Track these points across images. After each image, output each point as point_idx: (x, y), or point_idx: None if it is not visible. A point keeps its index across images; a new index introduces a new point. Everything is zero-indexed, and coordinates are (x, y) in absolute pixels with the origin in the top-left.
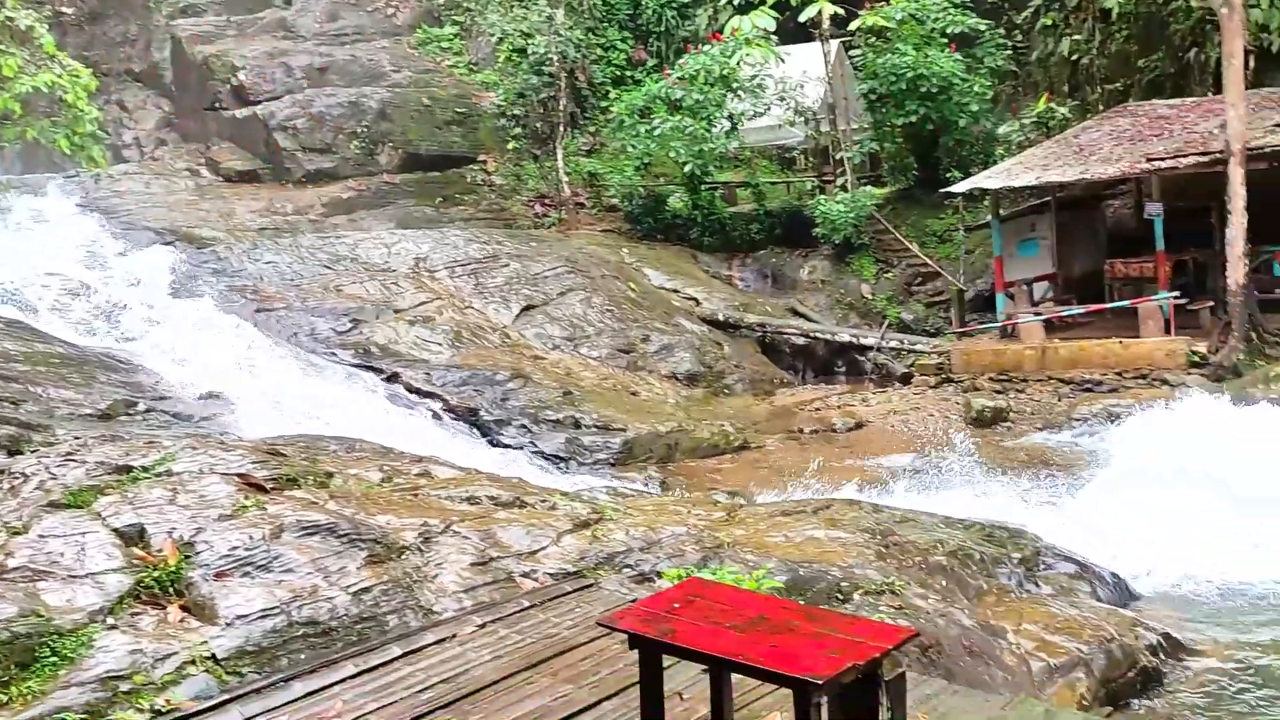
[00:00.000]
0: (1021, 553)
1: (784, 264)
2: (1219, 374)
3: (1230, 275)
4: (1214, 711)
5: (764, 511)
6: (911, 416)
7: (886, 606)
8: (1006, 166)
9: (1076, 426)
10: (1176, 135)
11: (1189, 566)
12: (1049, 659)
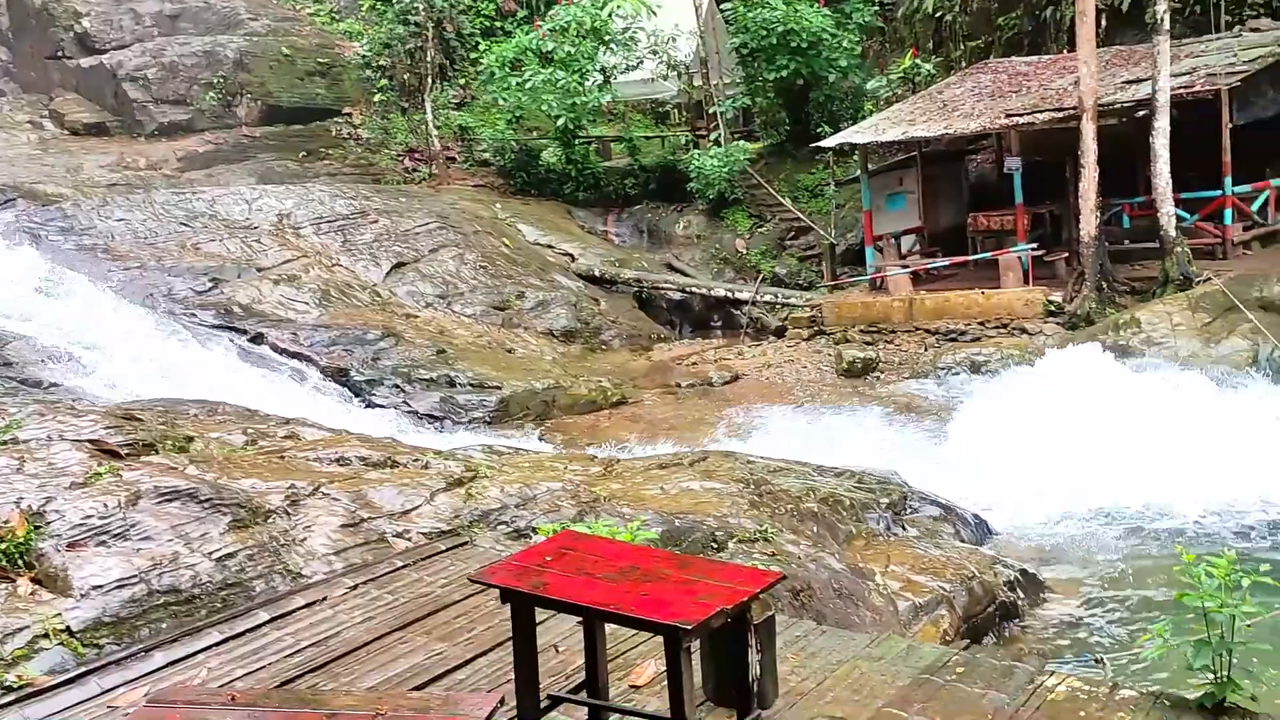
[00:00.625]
0: (890, 498)
1: (659, 219)
2: (1073, 322)
3: (1083, 227)
4: (1064, 639)
5: (640, 465)
6: (786, 369)
7: (760, 553)
8: (874, 122)
9: (942, 375)
10: (1034, 91)
11: (1046, 505)
12: (914, 598)
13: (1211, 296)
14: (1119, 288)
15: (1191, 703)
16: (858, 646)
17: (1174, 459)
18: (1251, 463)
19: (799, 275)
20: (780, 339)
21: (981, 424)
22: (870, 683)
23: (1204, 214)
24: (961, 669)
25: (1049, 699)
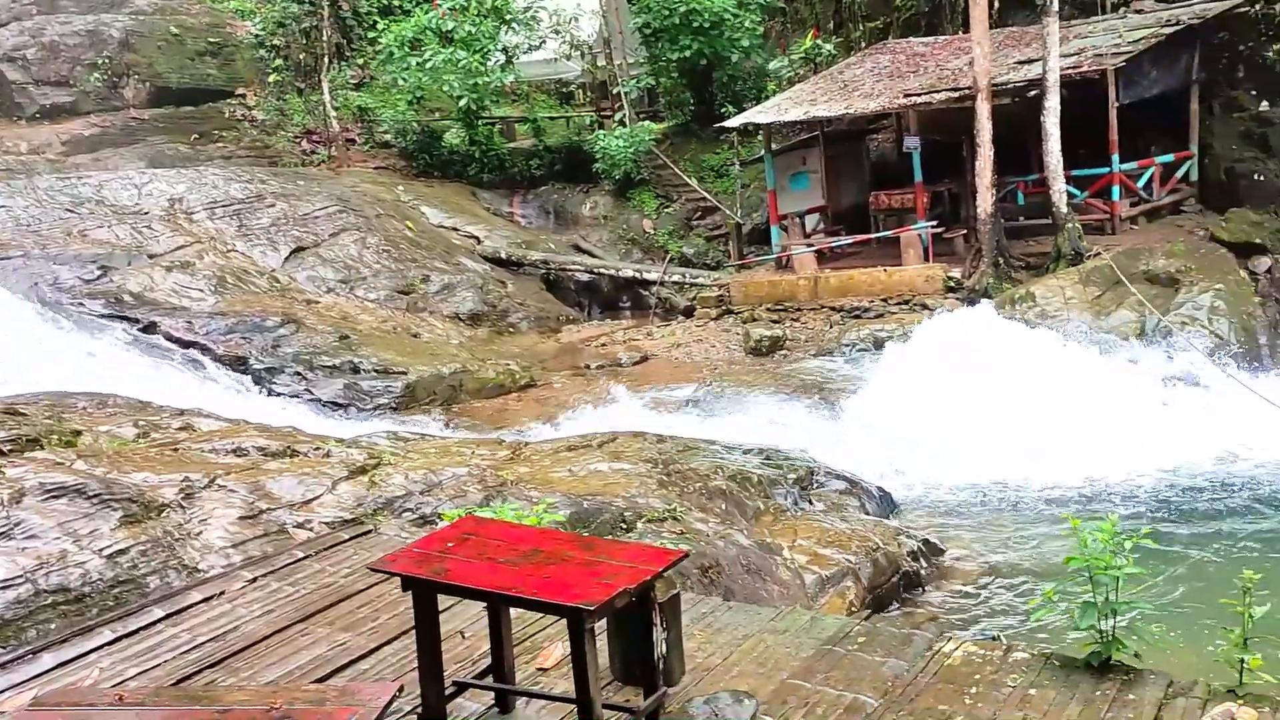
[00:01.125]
0: (797, 473)
1: (566, 200)
2: (971, 297)
3: (980, 205)
4: (964, 603)
5: (549, 448)
6: (694, 348)
7: (668, 532)
8: (777, 102)
9: (847, 351)
10: (931, 72)
11: (947, 475)
12: (821, 571)
13: (1101, 270)
14: (1015, 263)
15: (1079, 662)
16: (763, 620)
17: (1069, 428)
18: (1140, 431)
19: (706, 255)
20: (689, 319)
21: (885, 398)
22: (775, 655)
23: (1093, 191)
24: (863, 638)
25: (946, 664)
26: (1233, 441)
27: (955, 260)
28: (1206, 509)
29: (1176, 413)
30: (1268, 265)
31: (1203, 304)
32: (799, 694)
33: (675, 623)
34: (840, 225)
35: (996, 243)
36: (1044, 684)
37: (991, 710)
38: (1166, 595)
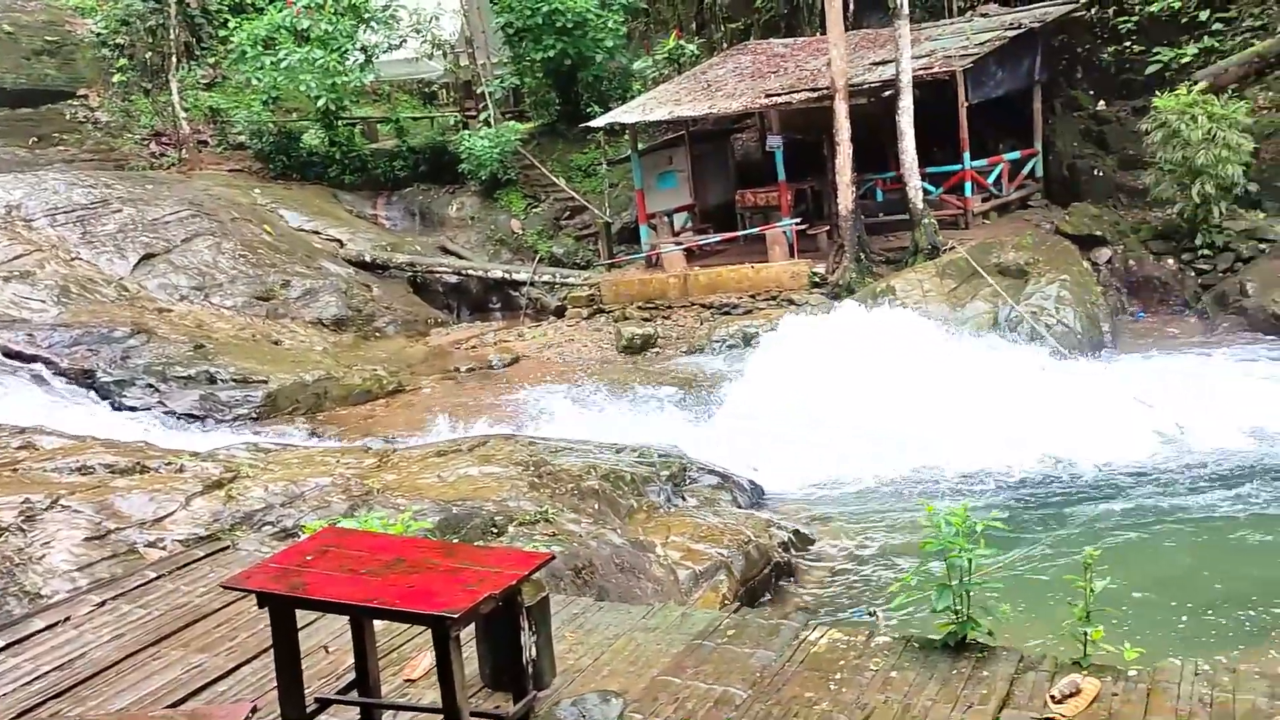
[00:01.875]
0: (669, 470)
1: (431, 201)
2: (836, 292)
3: (840, 202)
4: (834, 589)
5: (417, 454)
6: (566, 348)
7: (541, 535)
8: (642, 101)
9: (717, 347)
10: (791, 72)
11: (818, 466)
12: (695, 566)
13: (956, 264)
14: (875, 258)
15: (937, 643)
16: (635, 619)
17: (933, 417)
18: (1000, 419)
19: (576, 254)
20: (560, 319)
21: (756, 392)
22: (646, 653)
23: (947, 187)
24: (732, 631)
25: (812, 652)
26: (1082, 427)
27: (819, 256)
28: (1059, 492)
29: (1031, 400)
30: (1108, 256)
31: (1050, 294)
32: (669, 690)
33: (544, 626)
34: (708, 223)
35: (858, 238)
36: (905, 666)
37: (855, 694)
38: (1020, 575)
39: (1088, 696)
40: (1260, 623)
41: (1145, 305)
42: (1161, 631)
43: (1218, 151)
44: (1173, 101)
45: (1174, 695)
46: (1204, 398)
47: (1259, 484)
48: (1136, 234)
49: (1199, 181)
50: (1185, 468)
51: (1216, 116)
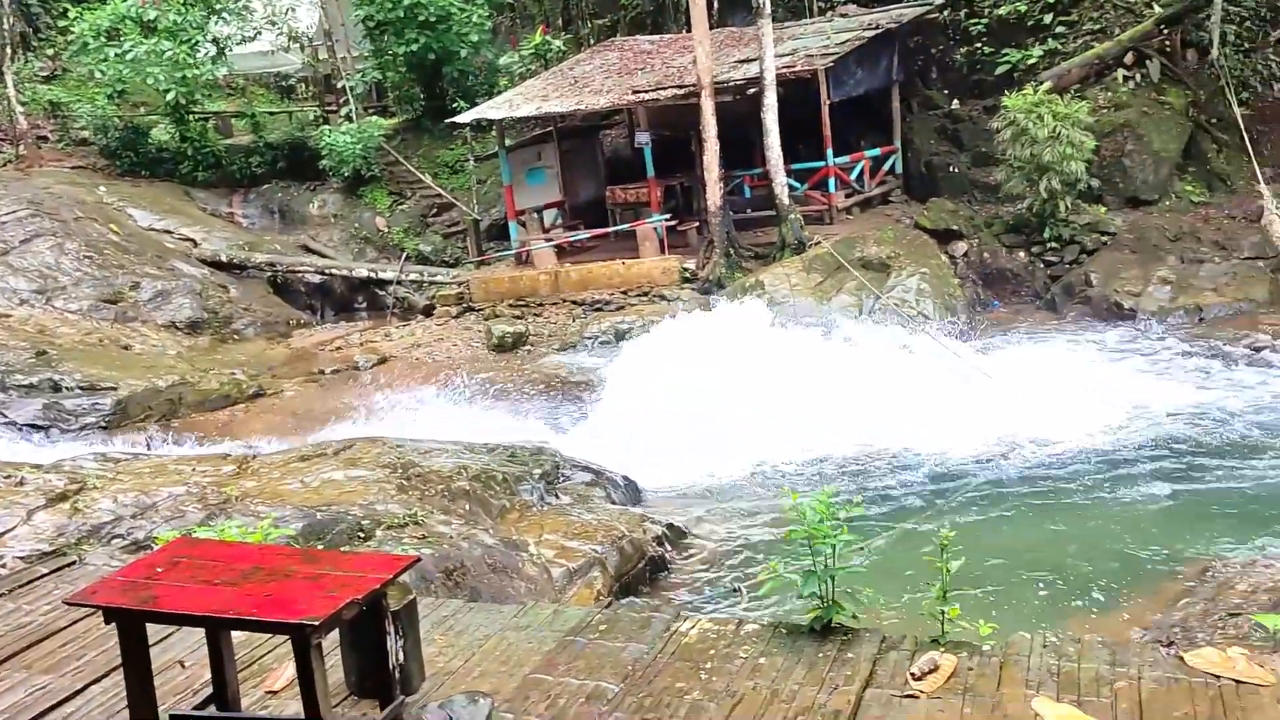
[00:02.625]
0: (542, 468)
1: (291, 199)
2: (706, 287)
3: (709, 198)
4: (708, 581)
5: (279, 459)
6: (436, 348)
7: (410, 538)
8: (509, 97)
9: (590, 344)
10: (658, 69)
11: (692, 460)
12: (569, 563)
13: (822, 258)
14: (745, 253)
15: (804, 628)
16: (506, 618)
17: (803, 409)
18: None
19: (444, 252)
20: (429, 318)
21: (629, 388)
22: (517, 652)
23: (812, 183)
24: (604, 626)
25: (683, 642)
26: (942, 415)
27: (690, 252)
28: (922, 477)
29: (903, 392)
30: (964, 250)
31: (911, 286)
32: (541, 687)
33: (412, 629)
34: (578, 220)
35: (727, 234)
36: (773, 652)
37: (725, 682)
38: (885, 558)
39: (945, 672)
40: (1106, 594)
41: (999, 296)
42: (1015, 607)
43: (1062, 149)
44: (1020, 101)
45: (1025, 667)
46: (1055, 383)
47: (1105, 463)
48: (990, 228)
49: (1046, 177)
50: (1037, 450)
51: (1060, 115)
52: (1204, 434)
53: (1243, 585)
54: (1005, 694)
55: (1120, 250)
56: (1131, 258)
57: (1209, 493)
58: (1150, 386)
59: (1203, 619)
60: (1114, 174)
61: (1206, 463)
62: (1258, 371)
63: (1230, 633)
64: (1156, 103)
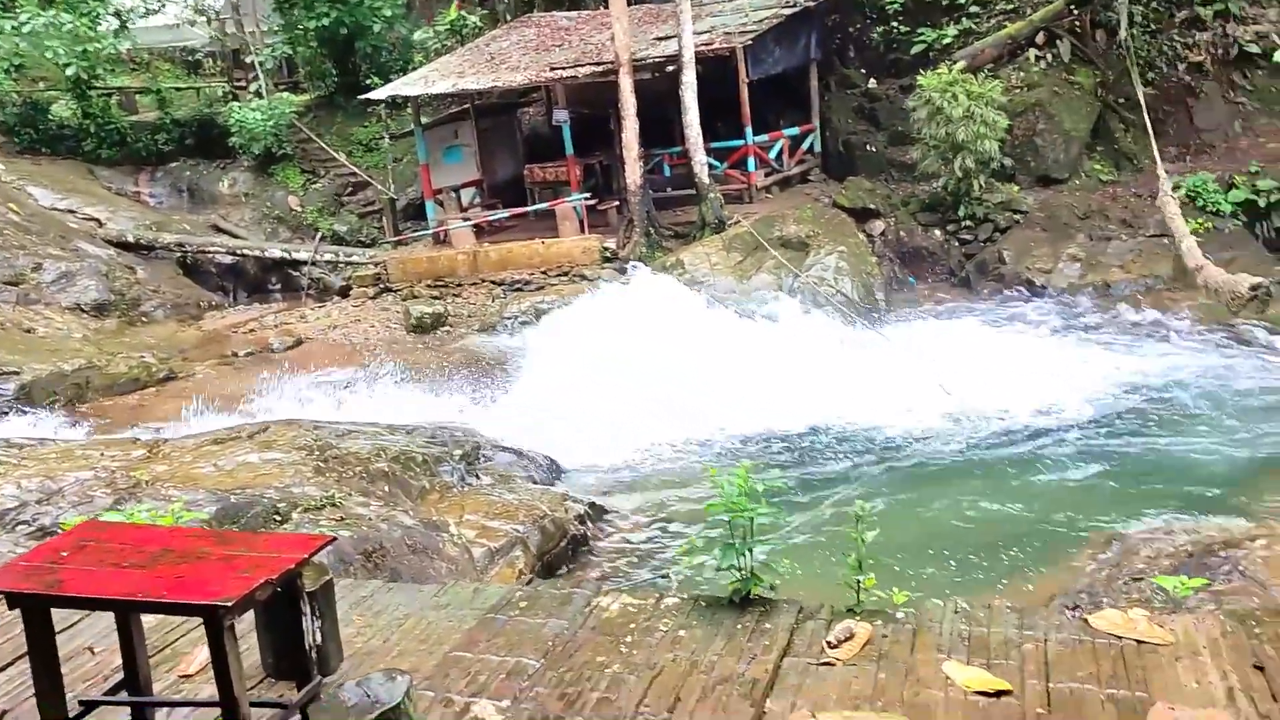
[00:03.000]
0: (463, 449)
1: (200, 177)
2: (627, 266)
3: (628, 177)
4: (631, 556)
5: (192, 443)
6: (352, 329)
7: (327, 520)
8: (424, 73)
9: (509, 324)
10: (575, 46)
11: (614, 438)
12: (490, 543)
13: (741, 237)
14: (665, 232)
15: (723, 600)
16: (426, 598)
17: (723, 386)
18: (788, 386)
19: (360, 232)
20: (345, 299)
21: (551, 368)
22: (437, 631)
23: (731, 162)
24: (525, 604)
25: (604, 617)
26: (860, 391)
27: (610, 231)
28: (847, 451)
29: (820, 367)
30: (881, 228)
31: (829, 265)
32: (461, 665)
33: (329, 610)
34: (497, 199)
35: (647, 213)
36: (692, 624)
37: (645, 655)
38: (804, 531)
39: (861, 640)
40: (1015, 561)
41: (916, 273)
42: (932, 576)
43: (976, 128)
44: (935, 80)
45: (938, 633)
46: (967, 359)
47: (1022, 438)
48: (906, 207)
49: (960, 156)
50: (952, 424)
51: (974, 95)
52: (1116, 409)
53: (1146, 552)
54: (918, 659)
55: (1032, 228)
56: (1043, 236)
57: (1122, 465)
58: (1062, 363)
59: (1108, 584)
60: (1026, 153)
61: (1119, 437)
62: (1164, 347)
63: (1134, 596)
64: (1067, 83)
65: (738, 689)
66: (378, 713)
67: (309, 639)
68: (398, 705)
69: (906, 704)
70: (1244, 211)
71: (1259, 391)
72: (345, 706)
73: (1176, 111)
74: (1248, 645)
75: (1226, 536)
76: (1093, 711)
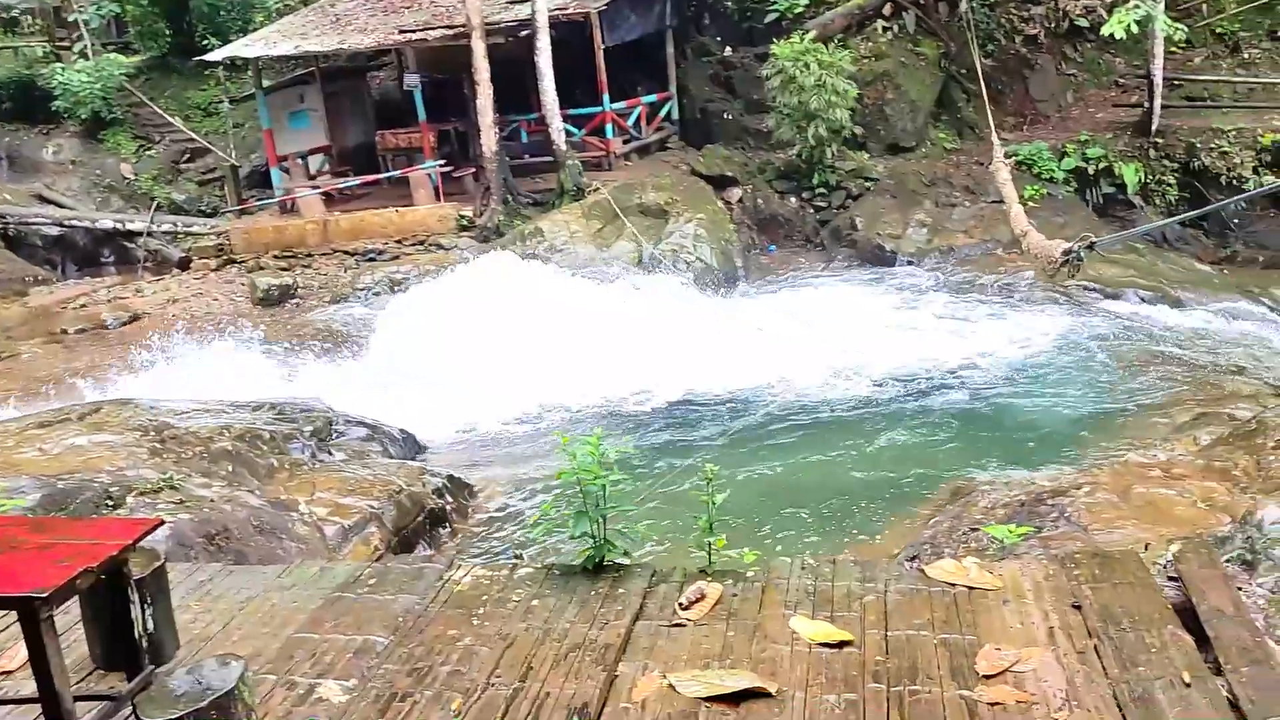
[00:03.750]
0: (314, 425)
1: (21, 143)
2: (485, 235)
3: (484, 143)
4: (490, 529)
5: (14, 427)
6: (194, 303)
7: (165, 503)
8: (265, 34)
9: (362, 296)
10: (425, 8)
11: (473, 410)
12: (343, 521)
13: (601, 205)
14: (523, 200)
15: (576, 568)
16: (269, 579)
17: (583, 355)
18: (649, 354)
19: (201, 201)
20: (186, 271)
21: (407, 339)
22: (281, 612)
23: (589, 129)
24: (374, 581)
25: (456, 591)
26: (715, 357)
27: (467, 199)
28: (700, 416)
29: (681, 335)
30: (739, 195)
31: (689, 232)
32: (307, 646)
33: (162, 597)
34: (347, 166)
35: (504, 180)
36: (546, 594)
37: (498, 626)
38: (659, 495)
39: (711, 600)
40: (865, 517)
41: (774, 240)
42: (782, 535)
43: (828, 96)
44: (788, 49)
45: (784, 589)
46: (818, 323)
47: (867, 397)
48: (763, 174)
49: (813, 125)
50: (807, 386)
51: (826, 64)
52: (962, 368)
53: (984, 503)
54: (766, 615)
55: (882, 195)
56: (892, 202)
57: (967, 422)
58: (912, 325)
59: (948, 535)
60: (876, 122)
61: (964, 395)
62: (1003, 308)
63: (970, 546)
64: (913, 53)
65: (590, 655)
66: (209, 699)
67: (139, 628)
68: (230, 690)
69: (754, 660)
70: (1075, 178)
71: (1092, 348)
72: (174, 695)
73: (1014, 82)
74: (1067, 587)
75: (1055, 485)
76: (927, 656)
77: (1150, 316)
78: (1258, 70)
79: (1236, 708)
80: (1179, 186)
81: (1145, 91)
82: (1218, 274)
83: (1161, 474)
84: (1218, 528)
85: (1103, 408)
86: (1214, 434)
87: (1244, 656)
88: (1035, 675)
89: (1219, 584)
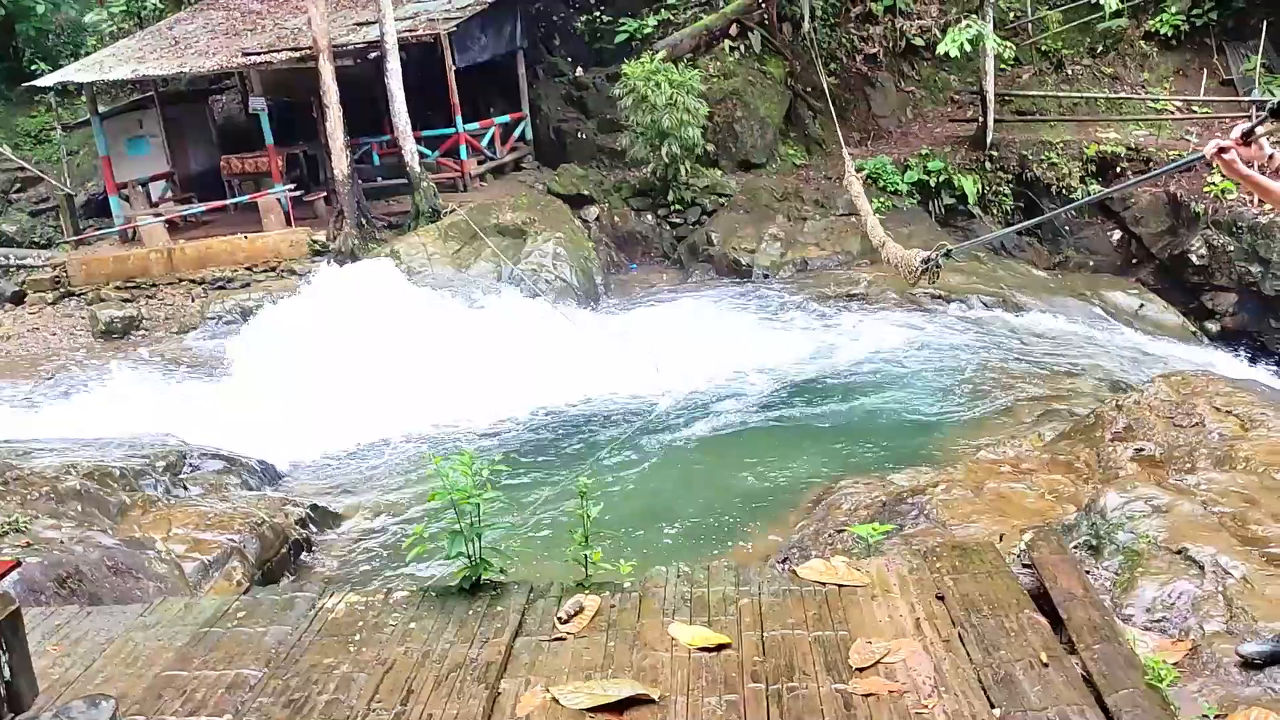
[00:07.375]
0: (167, 460)
1: None
2: (339, 259)
3: (335, 167)
4: (358, 555)
5: None
6: (29, 339)
7: (10, 547)
8: (99, 58)
9: (212, 325)
10: (269, 30)
11: (334, 437)
12: (203, 556)
13: (458, 226)
14: (378, 223)
15: (453, 588)
16: (130, 619)
17: (442, 377)
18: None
19: (34, 232)
20: (19, 305)
21: (259, 368)
22: (146, 652)
23: (444, 150)
24: (243, 613)
25: (330, 619)
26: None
27: (319, 223)
28: (570, 433)
29: (542, 353)
30: (596, 214)
31: (548, 251)
32: (175, 684)
33: (18, 642)
34: (191, 192)
35: (357, 203)
36: (423, 616)
37: (375, 651)
38: (536, 512)
39: (590, 612)
40: (737, 524)
41: (633, 257)
42: (657, 545)
43: (680, 115)
44: (639, 69)
45: (662, 597)
46: (681, 338)
47: (733, 408)
48: (619, 192)
49: (667, 143)
50: (674, 401)
51: (676, 83)
52: (823, 378)
53: (847, 505)
54: (645, 624)
55: (736, 211)
56: (746, 217)
57: (831, 429)
58: (770, 338)
59: (816, 537)
60: (727, 139)
61: (825, 404)
62: (859, 317)
63: (837, 546)
64: (760, 72)
65: (471, 674)
66: None
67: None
68: None
69: (635, 668)
70: (918, 190)
71: (943, 352)
72: None
73: (857, 99)
74: (930, 579)
75: (914, 485)
76: (802, 653)
77: (994, 321)
78: (1080, 86)
79: (1090, 683)
80: (1014, 196)
81: (979, 107)
82: (1052, 279)
83: (1011, 469)
84: (1065, 517)
85: (955, 409)
86: (1056, 429)
87: (1095, 635)
88: (905, 665)
89: (1069, 569)
